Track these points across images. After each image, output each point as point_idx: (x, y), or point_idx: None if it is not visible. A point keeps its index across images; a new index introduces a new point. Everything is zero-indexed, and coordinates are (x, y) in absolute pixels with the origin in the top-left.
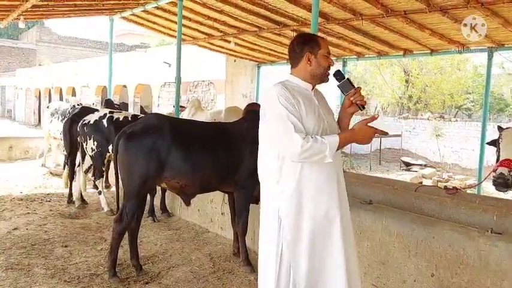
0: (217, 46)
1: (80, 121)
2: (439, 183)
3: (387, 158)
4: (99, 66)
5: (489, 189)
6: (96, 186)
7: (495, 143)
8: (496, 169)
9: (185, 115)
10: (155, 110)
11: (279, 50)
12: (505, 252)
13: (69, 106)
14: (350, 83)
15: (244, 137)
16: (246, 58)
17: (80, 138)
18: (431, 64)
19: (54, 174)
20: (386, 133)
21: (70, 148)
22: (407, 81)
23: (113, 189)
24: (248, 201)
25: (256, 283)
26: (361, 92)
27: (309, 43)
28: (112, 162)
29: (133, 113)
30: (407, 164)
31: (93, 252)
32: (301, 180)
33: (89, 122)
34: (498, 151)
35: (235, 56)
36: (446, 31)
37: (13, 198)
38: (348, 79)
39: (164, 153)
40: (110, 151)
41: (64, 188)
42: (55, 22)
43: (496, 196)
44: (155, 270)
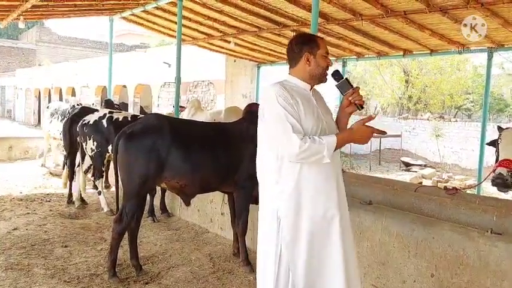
0: (217, 46)
1: (80, 121)
2: (439, 183)
3: (387, 158)
4: (99, 66)
5: (489, 189)
6: (96, 186)
7: (494, 144)
8: (495, 169)
9: (185, 115)
10: (155, 110)
11: (279, 50)
12: (505, 252)
13: (68, 106)
14: (348, 83)
15: (244, 137)
16: (246, 58)
17: (80, 138)
18: (431, 64)
19: (54, 174)
20: (384, 132)
21: (70, 148)
22: (407, 81)
23: (113, 189)
24: (248, 201)
25: (255, 283)
26: (359, 92)
27: (308, 43)
28: (112, 162)
29: (133, 113)
30: (407, 164)
31: (93, 252)
32: (300, 180)
33: (89, 122)
34: (497, 151)
35: (235, 56)
36: (446, 31)
37: (13, 198)
38: (346, 79)
39: (164, 153)
40: (110, 151)
41: (63, 188)
42: (55, 22)
43: (496, 196)
44: (155, 270)
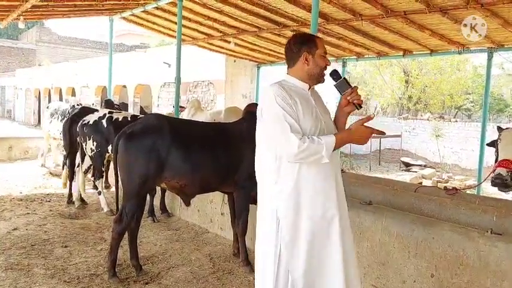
0: (217, 46)
1: (80, 121)
2: (439, 183)
3: (387, 159)
4: (98, 66)
5: (489, 189)
6: (95, 186)
7: (494, 144)
8: (495, 169)
9: (185, 115)
10: (155, 110)
11: (279, 51)
12: (505, 252)
13: (68, 106)
14: (347, 83)
15: (243, 137)
16: (246, 58)
17: (80, 138)
18: (431, 64)
19: (53, 174)
20: (383, 133)
21: (69, 148)
22: (407, 81)
23: (113, 189)
24: (248, 201)
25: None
26: (357, 91)
27: (307, 43)
28: (112, 162)
29: (132, 113)
30: (407, 165)
31: (92, 252)
32: (299, 180)
33: (88, 123)
34: (497, 152)
35: (235, 57)
36: (446, 32)
37: (13, 198)
38: (345, 78)
39: (164, 153)
40: (109, 151)
41: (63, 189)
42: (55, 22)
43: (496, 197)
44: (155, 270)
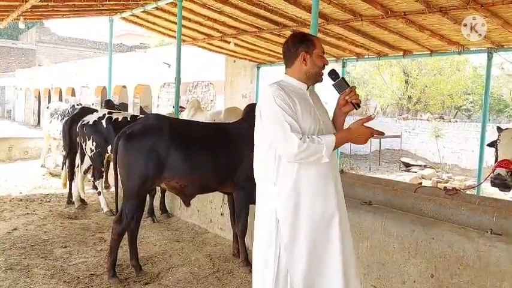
0: (216, 47)
1: (80, 121)
2: (439, 184)
3: (387, 159)
4: (98, 66)
5: (489, 190)
6: (95, 186)
7: (494, 145)
8: (494, 170)
9: (185, 116)
10: (155, 111)
11: (279, 51)
12: (505, 253)
13: (68, 106)
14: (345, 82)
15: (243, 138)
16: (246, 59)
17: (79, 138)
18: (430, 65)
19: (53, 174)
20: (382, 133)
21: (69, 148)
22: (406, 82)
23: (113, 189)
24: (248, 201)
25: None
26: (355, 91)
27: (304, 43)
28: (111, 162)
29: (132, 114)
30: (406, 165)
31: (92, 252)
32: (298, 180)
33: (88, 123)
34: (496, 152)
35: (234, 57)
36: (445, 32)
37: (12, 198)
38: (343, 78)
39: (164, 153)
40: (109, 151)
41: (62, 189)
42: (55, 22)
43: (496, 197)
44: (155, 270)
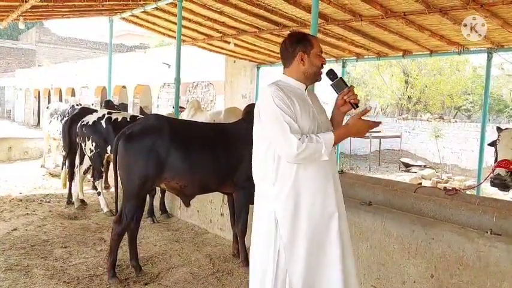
0: (216, 47)
1: (79, 122)
2: (439, 184)
3: (387, 159)
4: (98, 66)
5: (489, 190)
6: (95, 187)
7: (494, 144)
8: (494, 170)
9: (184, 116)
10: (154, 111)
11: (279, 51)
12: (505, 253)
13: (68, 107)
14: (343, 82)
15: (243, 138)
16: (246, 59)
17: (79, 139)
18: (430, 65)
19: (53, 175)
20: (379, 123)
21: (69, 149)
22: (406, 82)
23: (112, 190)
24: (247, 202)
25: None
26: (354, 91)
27: (302, 42)
28: (111, 162)
29: (132, 114)
30: (406, 165)
31: (92, 253)
32: (297, 180)
33: (88, 123)
34: (496, 152)
35: (234, 57)
36: (445, 32)
37: (12, 199)
38: (341, 78)
39: (163, 154)
40: (109, 152)
41: (62, 189)
42: (55, 23)
43: (496, 197)
44: (154, 271)
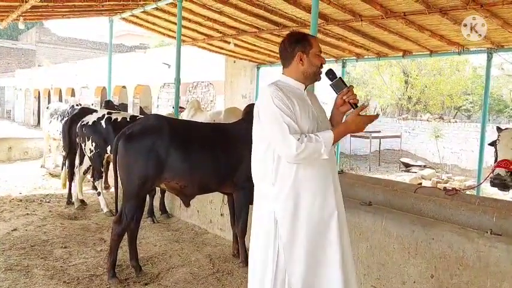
0: (216, 47)
1: (79, 122)
2: (439, 184)
3: (387, 159)
4: (98, 67)
5: (489, 190)
6: (95, 187)
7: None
8: (494, 170)
9: (184, 116)
10: (154, 111)
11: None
12: (505, 253)
13: (68, 107)
14: (342, 82)
15: (243, 138)
16: (246, 59)
17: (79, 139)
18: (430, 65)
19: (53, 175)
20: (377, 116)
21: (69, 149)
22: (406, 82)
23: (112, 190)
24: (247, 202)
25: None
26: (353, 91)
27: (301, 42)
28: (111, 163)
29: (131, 114)
30: (406, 165)
31: (92, 253)
32: (297, 181)
33: (87, 123)
34: (496, 152)
35: (234, 57)
36: (445, 32)
37: (12, 199)
38: (341, 78)
39: (163, 154)
40: (108, 152)
41: (62, 189)
42: (54, 23)
43: (496, 197)
44: (154, 271)
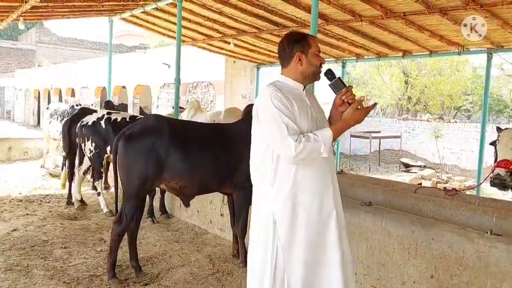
0: (216, 47)
1: (79, 122)
2: (439, 184)
3: (386, 159)
4: (98, 67)
5: (489, 190)
6: (95, 187)
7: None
8: (494, 170)
9: (184, 116)
10: (154, 111)
11: None
12: (505, 253)
13: (68, 107)
14: (341, 82)
15: (243, 138)
16: (246, 59)
17: (78, 139)
18: (430, 65)
19: (53, 175)
20: (375, 104)
21: (69, 149)
22: (406, 82)
23: (112, 190)
24: (247, 202)
25: None
26: (352, 91)
27: (299, 42)
28: (111, 163)
29: (131, 114)
30: (406, 165)
31: (92, 253)
32: (296, 181)
33: (87, 124)
34: (496, 152)
35: (234, 57)
36: (445, 32)
37: (12, 199)
38: (339, 78)
39: (163, 154)
40: (108, 152)
41: (62, 190)
42: (54, 23)
43: (495, 197)
44: (154, 271)
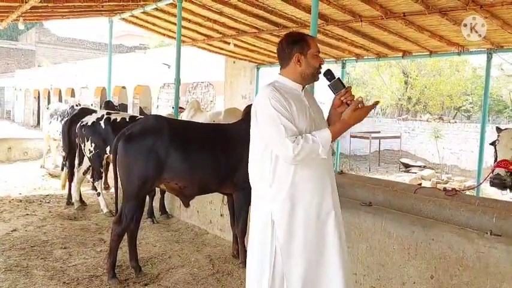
0: (216, 47)
1: (79, 122)
2: (438, 184)
3: (386, 160)
4: (98, 67)
5: (488, 190)
6: (95, 187)
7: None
8: (494, 170)
9: (184, 116)
10: (154, 111)
11: None
12: (505, 254)
13: (68, 107)
14: (341, 83)
15: (243, 138)
16: (245, 59)
17: (78, 139)
18: (430, 66)
19: (53, 175)
20: (377, 103)
21: (69, 149)
22: (406, 82)
23: (112, 190)
24: (247, 202)
25: None
26: (351, 92)
27: (298, 43)
28: (111, 163)
29: (131, 114)
30: (406, 166)
31: (92, 253)
32: (294, 182)
33: (87, 124)
34: (496, 152)
35: (234, 58)
36: (445, 33)
37: (12, 199)
38: (339, 78)
39: (163, 154)
40: (108, 152)
41: (62, 190)
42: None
43: (495, 198)
44: (154, 271)
